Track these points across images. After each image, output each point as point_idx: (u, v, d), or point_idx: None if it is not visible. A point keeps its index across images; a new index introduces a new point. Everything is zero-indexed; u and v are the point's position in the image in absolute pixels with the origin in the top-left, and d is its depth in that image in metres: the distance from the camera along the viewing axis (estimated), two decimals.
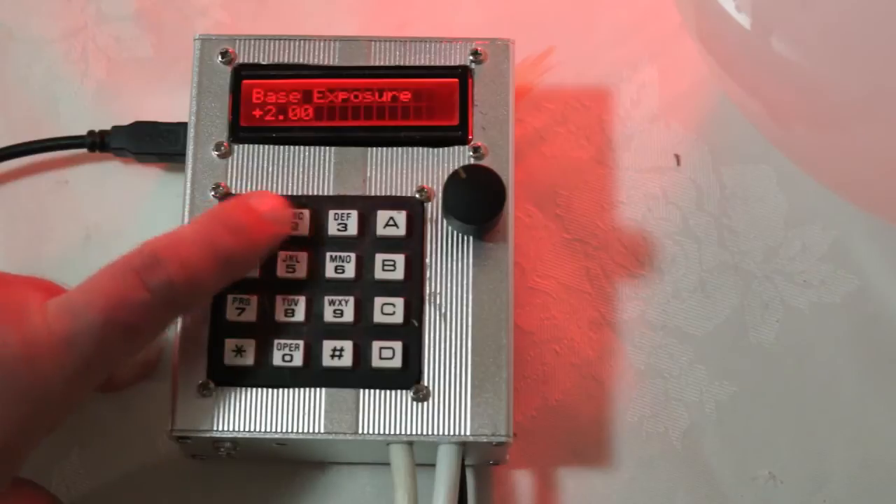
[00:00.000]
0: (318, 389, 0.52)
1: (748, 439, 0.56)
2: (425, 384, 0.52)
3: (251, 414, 0.52)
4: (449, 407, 0.52)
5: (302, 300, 0.53)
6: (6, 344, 0.46)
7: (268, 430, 0.52)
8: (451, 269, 0.53)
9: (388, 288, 0.53)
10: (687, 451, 0.56)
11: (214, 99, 0.55)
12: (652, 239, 0.59)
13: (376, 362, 0.52)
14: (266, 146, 0.55)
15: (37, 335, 0.47)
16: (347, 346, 0.52)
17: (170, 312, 0.50)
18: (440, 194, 0.53)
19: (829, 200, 0.59)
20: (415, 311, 0.53)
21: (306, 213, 0.54)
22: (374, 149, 0.55)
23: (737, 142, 0.60)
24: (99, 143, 0.59)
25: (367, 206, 0.54)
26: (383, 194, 0.54)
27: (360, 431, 0.52)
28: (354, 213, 0.54)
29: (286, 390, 0.52)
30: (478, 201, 0.52)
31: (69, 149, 0.59)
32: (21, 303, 0.48)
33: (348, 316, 0.52)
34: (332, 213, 0.54)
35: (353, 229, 0.53)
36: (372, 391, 0.52)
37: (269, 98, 0.55)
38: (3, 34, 0.62)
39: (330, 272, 0.53)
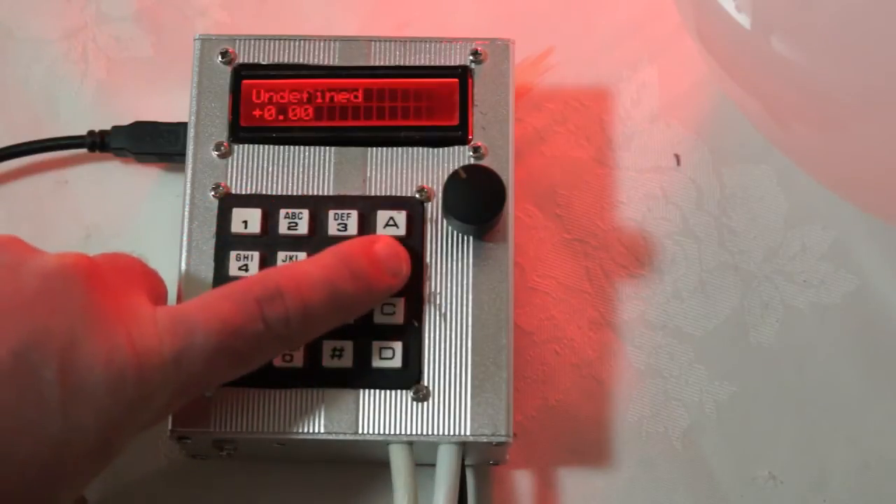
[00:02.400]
0: (318, 389, 0.52)
1: (748, 439, 0.56)
2: (425, 384, 0.52)
3: (251, 414, 0.52)
4: (449, 407, 0.52)
5: None
6: (117, 349, 0.45)
7: (268, 430, 0.52)
8: (451, 269, 0.53)
9: None
10: (687, 451, 0.56)
11: (214, 99, 0.55)
12: (652, 239, 0.59)
13: (376, 362, 0.52)
14: (266, 146, 0.55)
15: (148, 346, 0.46)
16: (347, 346, 0.52)
17: (277, 348, 0.50)
18: (440, 194, 0.53)
19: (829, 200, 0.59)
20: (415, 311, 0.53)
21: (306, 212, 0.54)
22: (374, 149, 0.55)
23: (737, 142, 0.60)
24: (99, 143, 0.59)
25: (367, 206, 0.54)
26: (383, 194, 0.54)
27: (360, 431, 0.52)
28: (354, 213, 0.54)
29: (286, 390, 0.52)
30: (478, 201, 0.52)
31: (69, 149, 0.59)
32: (133, 307, 0.47)
33: None
34: (332, 213, 0.54)
35: (353, 229, 0.53)
36: (372, 391, 0.52)
37: (269, 98, 0.55)
38: (3, 34, 0.62)
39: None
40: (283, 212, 0.54)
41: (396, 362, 0.52)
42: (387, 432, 0.52)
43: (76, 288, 0.46)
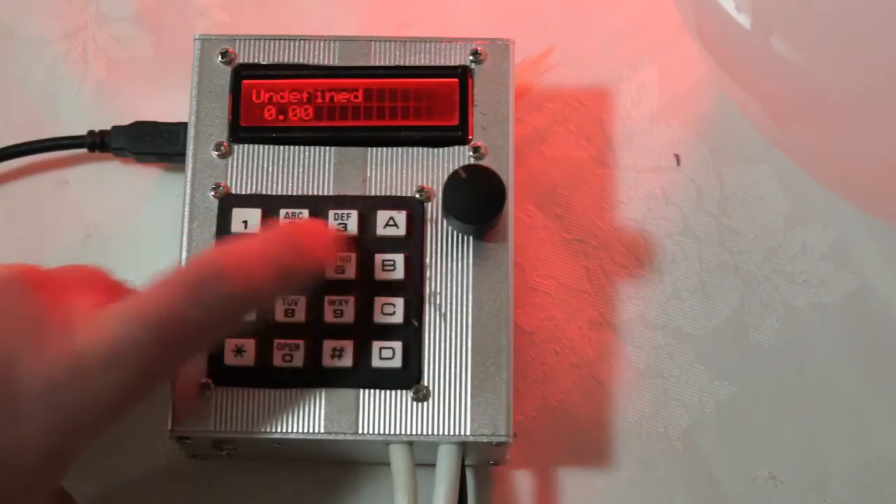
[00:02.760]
0: (318, 389, 0.52)
1: (748, 439, 0.56)
2: (425, 384, 0.52)
3: (251, 414, 0.52)
4: (449, 407, 0.52)
5: (302, 300, 0.53)
6: (55, 356, 0.45)
7: (268, 430, 0.52)
8: (451, 269, 0.53)
9: (388, 288, 0.53)
10: (687, 451, 0.56)
11: (214, 99, 0.55)
12: (652, 239, 0.59)
13: (376, 362, 0.52)
14: (266, 146, 0.55)
15: (84, 349, 0.46)
16: (347, 346, 0.52)
17: (224, 328, 0.49)
18: (440, 194, 0.53)
19: (829, 200, 0.59)
20: (415, 311, 0.53)
21: (306, 213, 0.54)
22: (374, 149, 0.55)
23: (737, 142, 0.60)
24: (99, 143, 0.59)
25: (367, 206, 0.54)
26: (383, 194, 0.54)
27: (360, 431, 0.52)
28: (354, 213, 0.54)
29: (286, 390, 0.52)
30: (478, 201, 0.52)
31: (69, 149, 0.59)
32: (70, 310, 0.47)
33: (348, 316, 0.52)
34: (332, 213, 0.54)
35: (353, 229, 0.53)
36: (372, 391, 0.52)
37: (269, 98, 0.55)
38: (3, 34, 0.62)
39: (330, 272, 0.53)
40: (283, 212, 0.54)
41: (396, 362, 0.52)
42: (387, 432, 0.52)
43: (16, 297, 0.46)
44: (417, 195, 0.54)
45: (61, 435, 0.46)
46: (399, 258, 0.53)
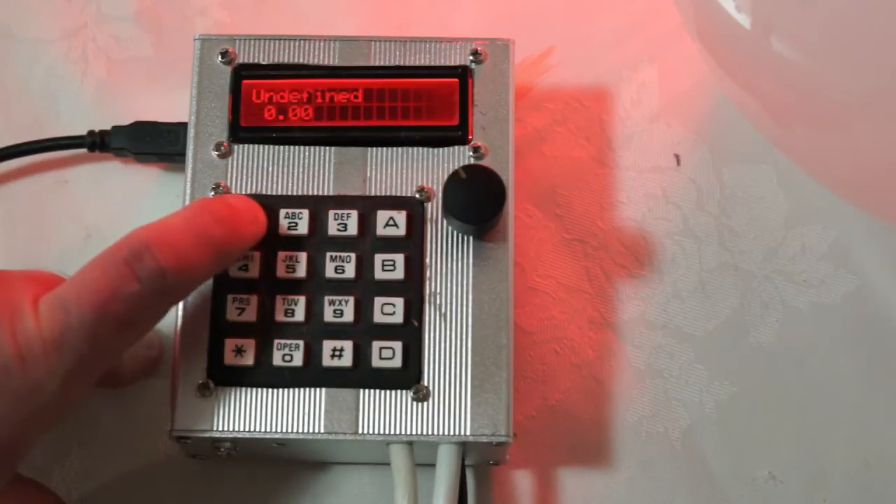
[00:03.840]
0: (318, 389, 0.52)
1: (748, 439, 0.56)
2: (425, 384, 0.52)
3: (251, 414, 0.52)
4: (449, 407, 0.52)
5: (302, 300, 0.53)
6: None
7: (268, 430, 0.52)
8: (451, 269, 0.53)
9: (388, 288, 0.53)
10: (687, 451, 0.56)
11: (214, 99, 0.55)
12: (652, 239, 0.59)
13: (376, 362, 0.52)
14: (266, 146, 0.55)
15: (28, 335, 0.46)
16: (347, 346, 0.52)
17: (162, 302, 0.49)
18: (440, 194, 0.53)
19: (829, 200, 0.59)
20: (415, 311, 0.53)
21: (306, 212, 0.54)
22: (374, 149, 0.55)
23: (737, 142, 0.60)
24: (99, 143, 0.59)
25: (367, 206, 0.54)
26: (383, 194, 0.54)
27: (360, 431, 0.52)
28: (354, 213, 0.54)
29: (286, 390, 0.52)
30: (478, 201, 0.52)
31: (69, 149, 0.59)
32: (13, 301, 0.47)
33: (348, 316, 0.52)
34: (332, 213, 0.54)
35: (353, 229, 0.53)
36: (372, 391, 0.52)
37: (269, 98, 0.55)
38: (3, 34, 0.62)
39: (330, 272, 0.53)
40: (283, 212, 0.54)
41: (396, 362, 0.52)
42: (387, 432, 0.52)
43: None
44: (417, 195, 0.54)
45: (11, 423, 0.46)
46: (399, 258, 0.53)
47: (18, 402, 0.46)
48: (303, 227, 0.53)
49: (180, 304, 0.53)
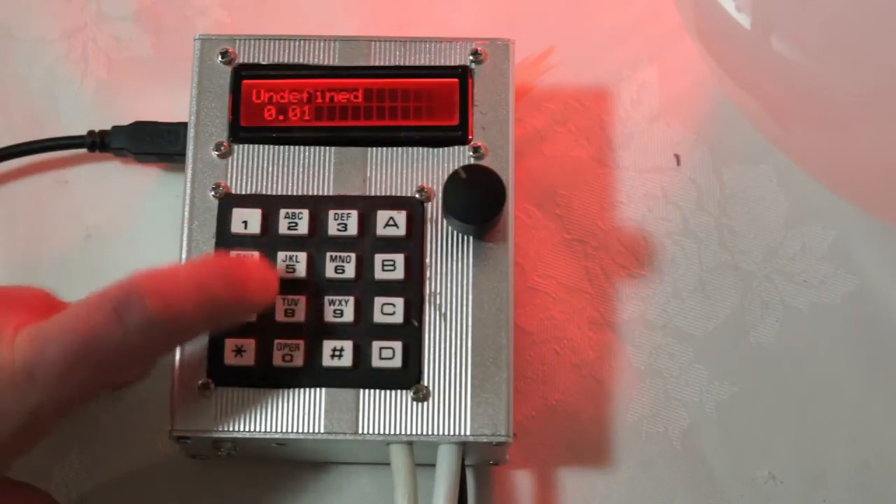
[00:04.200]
0: (318, 389, 0.52)
1: (748, 439, 0.56)
2: (425, 384, 0.52)
3: (251, 414, 0.52)
4: (449, 407, 0.52)
5: (302, 300, 0.53)
6: None
7: (268, 430, 0.52)
8: (451, 269, 0.53)
9: (388, 288, 0.53)
10: (687, 451, 0.56)
11: (214, 99, 0.55)
12: (652, 239, 0.59)
13: (376, 362, 0.52)
14: (266, 146, 0.55)
15: (0, 367, 0.46)
16: (347, 346, 0.52)
17: (146, 351, 0.48)
18: (440, 194, 0.53)
19: (829, 200, 0.59)
20: (415, 311, 0.53)
21: (305, 212, 0.54)
22: (374, 149, 0.55)
23: (737, 142, 0.60)
24: (99, 143, 0.59)
25: (367, 206, 0.54)
26: (383, 194, 0.54)
27: (360, 431, 0.52)
28: (354, 213, 0.54)
29: (286, 390, 0.52)
30: (478, 201, 0.52)
31: (69, 149, 0.59)
32: None
33: (348, 316, 0.52)
34: (332, 213, 0.54)
35: (353, 229, 0.53)
36: (372, 391, 0.52)
37: (269, 98, 0.55)
38: (3, 34, 0.62)
39: (330, 272, 0.53)
40: (283, 212, 0.54)
41: (396, 362, 0.52)
42: (387, 432, 0.52)
43: None
44: (417, 195, 0.54)
45: None
46: (399, 258, 0.53)
47: None
48: (303, 227, 0.53)
49: None
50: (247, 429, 0.52)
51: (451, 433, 0.51)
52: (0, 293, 0.50)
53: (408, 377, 0.52)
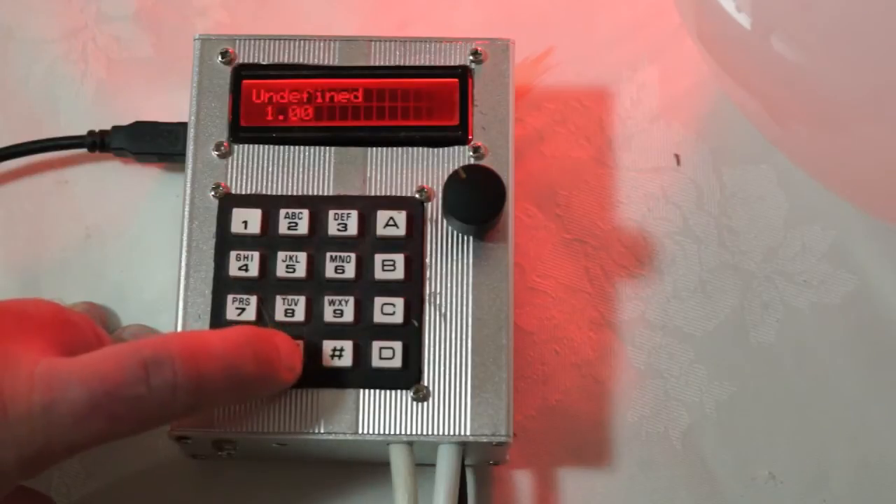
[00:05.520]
0: (318, 389, 0.52)
1: (748, 439, 0.56)
2: (425, 384, 0.52)
3: (251, 414, 0.52)
4: (449, 407, 0.52)
5: (302, 300, 0.53)
6: None
7: (268, 430, 0.52)
8: (451, 269, 0.53)
9: (388, 288, 0.53)
10: (687, 451, 0.56)
11: (214, 99, 0.55)
12: (652, 239, 0.59)
13: (376, 362, 0.52)
14: (266, 146, 0.55)
15: (17, 393, 0.45)
16: (347, 346, 0.52)
17: (161, 415, 0.48)
18: (440, 194, 0.53)
19: (829, 200, 0.59)
20: (415, 311, 0.53)
21: (306, 212, 0.54)
22: (374, 149, 0.55)
23: (737, 142, 0.60)
24: (99, 143, 0.59)
25: (367, 206, 0.54)
26: (383, 194, 0.54)
27: (360, 431, 0.52)
28: (354, 213, 0.54)
29: (286, 390, 0.52)
30: (478, 201, 0.52)
31: (69, 149, 0.59)
32: (12, 355, 0.46)
33: (348, 316, 0.52)
34: (332, 213, 0.54)
35: (353, 229, 0.53)
36: (372, 391, 0.52)
37: (269, 98, 0.55)
38: (3, 34, 0.62)
39: (330, 272, 0.53)
40: (283, 212, 0.54)
41: (396, 362, 0.52)
42: (387, 432, 0.52)
43: None
44: (417, 195, 0.54)
45: None
46: (399, 258, 0.53)
47: None
48: (303, 227, 0.53)
49: (180, 304, 0.53)
50: (247, 429, 0.52)
51: (451, 433, 0.51)
52: (13, 311, 0.49)
53: (408, 377, 0.52)
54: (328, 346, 0.52)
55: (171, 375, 0.46)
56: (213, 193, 0.54)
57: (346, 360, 0.52)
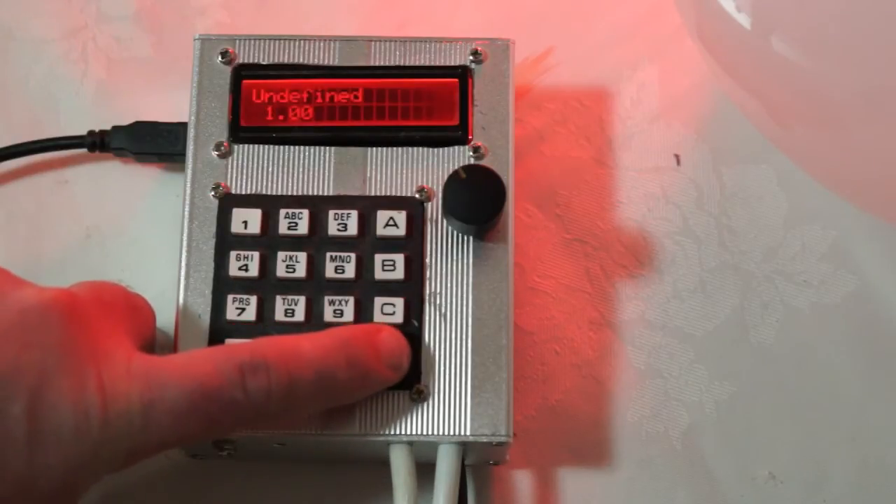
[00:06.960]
0: None
1: (748, 439, 0.56)
2: (425, 384, 0.52)
3: None
4: (449, 407, 0.52)
5: (302, 300, 0.53)
6: (86, 389, 0.45)
7: (268, 430, 0.52)
8: (451, 269, 0.53)
9: (388, 288, 0.53)
10: (687, 451, 0.56)
11: (214, 99, 0.55)
12: (652, 239, 0.59)
13: None
14: (266, 146, 0.55)
15: (117, 391, 0.45)
16: None
17: (254, 419, 0.48)
18: (440, 194, 0.53)
19: (829, 200, 0.59)
20: (415, 311, 0.53)
21: (306, 212, 0.54)
22: (374, 149, 0.55)
23: (737, 142, 0.60)
24: (99, 143, 0.59)
25: (367, 206, 0.54)
26: (383, 194, 0.54)
27: (360, 431, 0.52)
28: (354, 213, 0.54)
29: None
30: (478, 201, 0.52)
31: (69, 149, 0.59)
32: (109, 349, 0.46)
33: (348, 316, 0.52)
34: (332, 213, 0.54)
35: (353, 229, 0.53)
36: None
37: (269, 98, 0.55)
38: (3, 34, 0.62)
39: (330, 272, 0.53)
40: (283, 212, 0.54)
41: None
42: (387, 432, 0.52)
43: (52, 325, 0.46)
44: (417, 195, 0.54)
45: (82, 468, 0.46)
46: (399, 258, 0.53)
47: (95, 453, 0.45)
48: (303, 227, 0.53)
49: (180, 304, 0.53)
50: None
51: (451, 433, 0.51)
52: (94, 300, 0.48)
53: (408, 377, 0.52)
54: None
55: (266, 381, 0.47)
56: (213, 193, 0.54)
57: None
